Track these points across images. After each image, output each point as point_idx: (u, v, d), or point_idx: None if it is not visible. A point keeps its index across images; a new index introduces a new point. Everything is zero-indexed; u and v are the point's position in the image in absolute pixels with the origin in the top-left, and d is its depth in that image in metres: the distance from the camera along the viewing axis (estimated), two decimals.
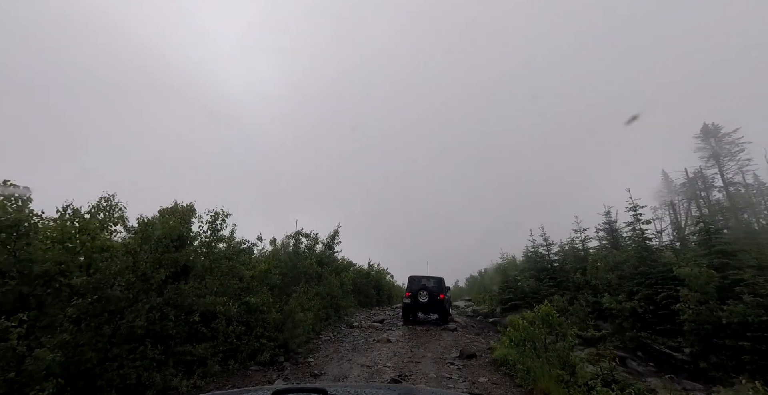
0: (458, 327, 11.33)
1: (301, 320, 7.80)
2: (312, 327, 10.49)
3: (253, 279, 7.89)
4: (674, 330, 6.91)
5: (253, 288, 7.58)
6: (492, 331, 11.53)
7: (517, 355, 5.52)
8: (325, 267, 14.56)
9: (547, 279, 12.08)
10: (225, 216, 7.15)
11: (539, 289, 12.02)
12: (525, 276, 13.44)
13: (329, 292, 13.58)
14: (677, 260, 7.78)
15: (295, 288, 7.96)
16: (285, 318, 7.42)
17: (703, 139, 25.81)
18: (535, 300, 12.23)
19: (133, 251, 4.16)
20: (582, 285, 10.01)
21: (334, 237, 16.48)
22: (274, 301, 7.97)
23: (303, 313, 8.63)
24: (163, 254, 4.58)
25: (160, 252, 4.61)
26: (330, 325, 12.40)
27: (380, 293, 22.12)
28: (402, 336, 10.09)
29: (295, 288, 8.05)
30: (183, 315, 5.08)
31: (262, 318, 7.05)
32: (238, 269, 7.09)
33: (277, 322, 7.33)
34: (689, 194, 25.42)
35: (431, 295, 11.40)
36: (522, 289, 12.61)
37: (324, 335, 10.52)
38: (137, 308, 3.99)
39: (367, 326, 12.21)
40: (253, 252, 10.25)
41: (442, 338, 9.89)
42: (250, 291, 7.52)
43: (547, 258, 13.36)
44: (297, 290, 7.80)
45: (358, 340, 9.54)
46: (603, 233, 13.64)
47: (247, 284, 7.57)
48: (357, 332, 10.98)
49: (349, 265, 20.60)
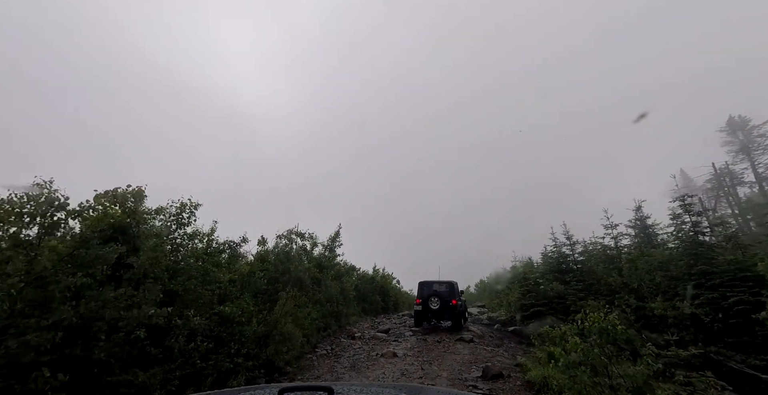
0: (474, 338, 9.91)
1: (290, 332, 6.50)
2: (307, 340, 9.18)
3: (233, 283, 6.63)
4: (753, 344, 5.49)
5: (231, 295, 6.31)
6: (513, 342, 10.08)
7: (565, 380, 4.15)
8: (325, 272, 13.29)
9: (574, 281, 10.63)
10: (193, 207, 5.93)
11: (565, 293, 10.57)
12: (547, 279, 12.00)
13: (329, 299, 12.28)
14: (744, 257, 6.35)
15: (282, 295, 6.66)
16: (269, 331, 6.13)
17: (730, 132, 24.18)
18: (560, 306, 10.77)
19: (27, 245, 2.93)
20: (619, 287, 8.58)
21: (335, 239, 15.20)
22: (259, 310, 6.70)
23: (293, 324, 7.35)
24: (79, 250, 3.34)
25: (77, 247, 3.38)
26: (329, 336, 11.05)
27: (386, 299, 20.71)
28: (410, 349, 8.71)
29: (281, 294, 6.75)
30: (122, 332, 3.81)
31: (240, 331, 5.76)
32: (210, 272, 5.84)
33: (259, 336, 6.04)
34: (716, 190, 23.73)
35: (443, 301, 10.69)
36: (545, 294, 11.15)
37: (320, 348, 9.19)
38: (26, 324, 2.74)
39: (370, 337, 10.84)
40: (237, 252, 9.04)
41: (458, 351, 8.49)
42: (228, 298, 6.25)
43: (572, 258, 11.91)
44: (283, 296, 6.49)
45: (359, 355, 8.18)
46: (633, 230, 12.18)
47: (225, 290, 6.31)
48: (359, 344, 9.62)
49: (352, 269, 19.26)
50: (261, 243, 9.10)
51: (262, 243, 9.13)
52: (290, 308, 6.34)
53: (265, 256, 9.08)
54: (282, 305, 6.27)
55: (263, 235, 9.19)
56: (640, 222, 11.96)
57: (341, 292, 14.17)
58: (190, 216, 5.95)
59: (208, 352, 5.02)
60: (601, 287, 10.00)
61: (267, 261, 9.10)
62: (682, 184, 45.79)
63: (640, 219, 12.03)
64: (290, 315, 7.38)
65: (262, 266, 8.53)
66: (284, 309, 6.28)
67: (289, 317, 7.67)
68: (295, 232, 10.35)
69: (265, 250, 9.32)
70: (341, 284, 14.75)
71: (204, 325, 5.14)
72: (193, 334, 5.00)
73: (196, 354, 4.75)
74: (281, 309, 6.22)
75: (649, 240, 11.28)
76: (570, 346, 4.17)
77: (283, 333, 6.45)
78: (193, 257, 5.87)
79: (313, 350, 8.89)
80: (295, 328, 7.14)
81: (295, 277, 9.66)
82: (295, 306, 7.82)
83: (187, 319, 4.76)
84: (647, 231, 11.57)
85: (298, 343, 7.97)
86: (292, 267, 10.21)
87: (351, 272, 18.29)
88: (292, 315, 8.56)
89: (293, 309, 6.93)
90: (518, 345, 9.87)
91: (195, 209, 5.96)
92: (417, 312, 11.03)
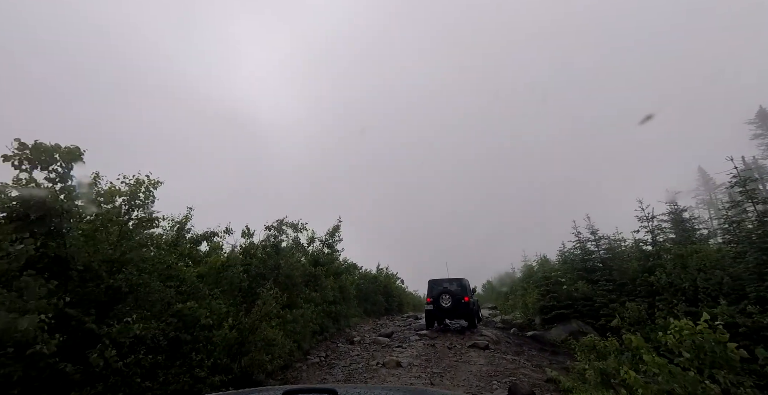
0: (490, 344, 8.69)
1: (272, 338, 5.35)
2: (298, 345, 8.04)
3: (202, 279, 5.49)
4: None
5: (199, 293, 5.16)
6: (534, 350, 8.84)
7: None
8: (321, 268, 12.14)
9: (603, 281, 9.34)
10: (151, 185, 4.79)
11: (593, 294, 9.30)
12: (569, 278, 10.72)
13: (326, 298, 11.13)
14: None
15: (262, 293, 5.50)
16: (244, 337, 4.98)
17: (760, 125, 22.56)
18: (587, 309, 9.49)
19: None
20: (662, 288, 7.29)
21: (334, 234, 14.05)
22: (236, 311, 5.56)
23: (279, 328, 6.20)
24: None
25: None
26: (324, 340, 9.90)
27: (389, 300, 19.53)
28: (417, 357, 7.52)
29: (261, 292, 5.59)
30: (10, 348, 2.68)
31: (206, 337, 4.62)
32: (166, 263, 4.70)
33: (231, 343, 4.90)
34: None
35: (454, 299, 10.01)
36: (569, 294, 9.88)
37: (313, 355, 8.04)
38: None
39: (371, 341, 9.68)
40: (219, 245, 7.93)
41: (472, 360, 7.28)
42: (194, 297, 5.11)
43: (598, 255, 10.61)
44: (264, 294, 5.33)
45: (356, 364, 7.01)
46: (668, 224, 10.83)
47: (193, 286, 5.17)
48: (357, 350, 8.46)
49: (354, 268, 18.11)
50: (246, 234, 7.96)
51: (247, 234, 7.99)
52: (271, 309, 5.17)
53: (250, 250, 7.95)
54: (262, 305, 5.10)
55: (248, 225, 8.05)
56: (676, 216, 10.61)
57: (340, 291, 13.05)
58: (147, 196, 4.81)
59: (157, 366, 3.88)
60: (635, 287, 8.71)
61: (253, 256, 7.97)
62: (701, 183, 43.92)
63: (675, 211, 10.68)
64: (275, 318, 6.24)
65: (245, 260, 7.40)
66: (264, 309, 5.12)
67: (275, 319, 6.54)
68: (286, 223, 9.19)
69: (251, 243, 8.19)
70: (340, 282, 13.63)
71: (154, 331, 4.00)
72: (140, 343, 3.87)
73: (137, 371, 3.60)
74: (260, 311, 5.06)
75: (687, 235, 9.93)
76: (649, 367, 2.94)
77: (264, 339, 5.30)
78: (149, 246, 4.73)
79: (305, 357, 7.75)
80: (279, 333, 5.99)
81: (285, 274, 8.53)
82: (281, 307, 6.69)
83: (126, 325, 3.61)
84: (685, 225, 10.23)
85: (286, 350, 6.83)
86: (283, 263, 9.09)
87: (352, 270, 17.16)
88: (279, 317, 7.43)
89: (278, 311, 5.78)
90: (540, 353, 8.63)
91: (153, 188, 4.82)
92: (428, 312, 10.46)
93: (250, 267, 7.42)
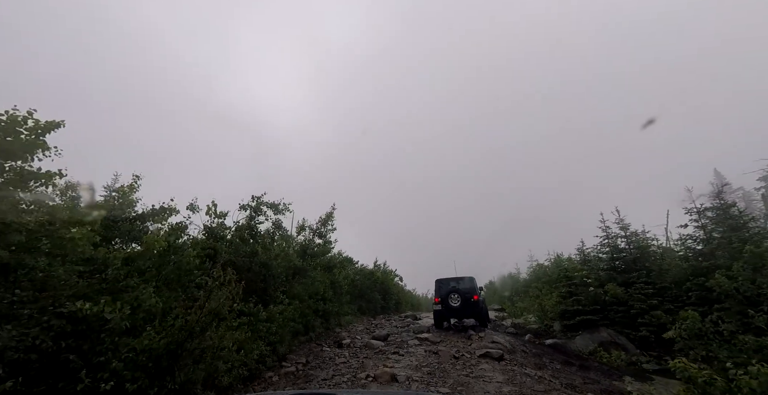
0: (504, 353, 7.24)
1: (221, 347, 3.91)
2: (273, 349, 6.61)
3: (130, 263, 4.03)
4: None
5: (124, 286, 3.71)
6: (557, 362, 7.38)
7: None
8: (309, 260, 10.72)
9: (641, 283, 7.87)
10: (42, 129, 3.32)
11: (628, 299, 7.83)
12: (595, 279, 9.25)
13: (312, 294, 9.71)
14: None
15: (204, 281, 4.05)
16: (177, 344, 3.53)
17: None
18: (620, 315, 8.03)
19: None
20: (727, 295, 5.82)
21: (327, 222, 12.60)
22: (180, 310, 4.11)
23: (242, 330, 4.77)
24: None
25: None
26: (308, 342, 8.47)
27: (387, 298, 18.12)
28: (417, 369, 6.08)
29: (204, 279, 4.13)
30: None
31: (115, 344, 3.18)
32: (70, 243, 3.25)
33: (157, 354, 3.44)
34: None
35: (463, 297, 9.59)
36: (596, 298, 8.41)
37: (291, 360, 6.61)
38: None
39: (362, 344, 8.25)
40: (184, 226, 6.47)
41: (486, 375, 5.82)
42: (110, 290, 3.65)
43: (630, 253, 9.13)
44: (208, 284, 3.87)
45: (340, 375, 5.57)
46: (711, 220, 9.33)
47: (116, 276, 3.72)
48: (344, 357, 7.03)
49: (349, 262, 16.68)
50: (212, 212, 6.49)
51: (214, 213, 6.52)
52: (218, 305, 3.72)
53: (218, 231, 6.51)
54: (205, 299, 3.65)
55: (214, 201, 6.57)
56: (723, 212, 9.10)
57: (331, 287, 11.63)
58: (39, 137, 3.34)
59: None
60: (683, 292, 7.25)
61: (220, 239, 6.54)
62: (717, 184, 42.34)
63: (721, 207, 9.17)
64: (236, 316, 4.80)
65: (207, 243, 5.96)
66: (210, 306, 3.67)
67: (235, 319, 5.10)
68: (265, 202, 7.73)
69: (220, 224, 6.74)
70: (332, 276, 12.20)
71: (20, 339, 2.57)
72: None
73: None
74: (203, 307, 3.61)
75: (737, 234, 8.44)
76: None
77: (212, 346, 3.86)
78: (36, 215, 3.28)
79: (280, 364, 6.32)
80: (238, 335, 4.56)
81: (261, 263, 7.09)
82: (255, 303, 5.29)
83: None
84: (736, 222, 8.72)
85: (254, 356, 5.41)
86: (260, 249, 7.65)
87: (346, 264, 15.73)
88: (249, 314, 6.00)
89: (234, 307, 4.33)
90: (565, 366, 7.16)
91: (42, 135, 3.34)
92: (437, 312, 10.14)
93: (214, 252, 5.99)
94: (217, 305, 3.73)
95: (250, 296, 6.78)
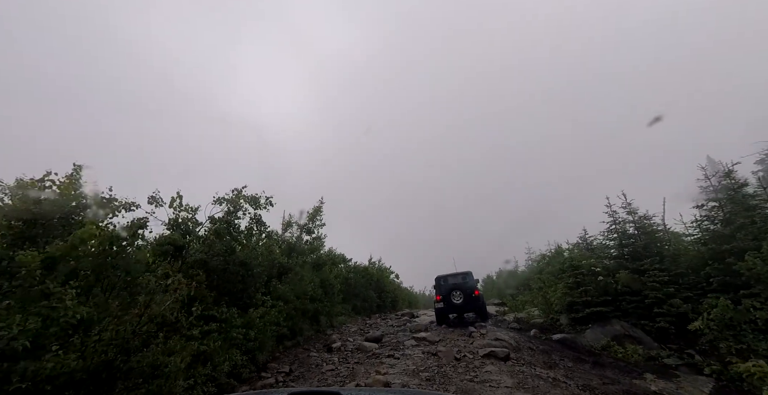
0: (510, 351, 6.56)
1: (164, 364, 3.14)
2: (252, 357, 5.85)
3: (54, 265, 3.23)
4: None
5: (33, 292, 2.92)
6: (569, 359, 6.73)
7: None
8: (297, 258, 9.95)
9: (654, 270, 7.25)
10: None
11: (641, 287, 7.20)
12: (604, 268, 8.63)
13: (300, 294, 8.94)
14: None
15: (145, 281, 3.26)
16: (103, 368, 2.76)
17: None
18: (634, 306, 7.41)
19: None
20: (758, 278, 5.21)
21: (315, 217, 11.84)
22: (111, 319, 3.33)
23: (192, 343, 4.00)
24: None
25: None
26: (295, 347, 7.73)
27: (382, 296, 17.42)
28: (414, 374, 5.37)
29: (143, 278, 3.35)
30: None
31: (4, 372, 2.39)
32: None
33: (77, 379, 2.66)
34: None
35: (465, 293, 9.55)
36: (606, 288, 7.78)
37: (272, 369, 5.86)
38: None
39: (354, 347, 7.52)
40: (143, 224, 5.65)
41: (492, 378, 5.13)
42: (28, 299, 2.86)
43: (638, 239, 8.52)
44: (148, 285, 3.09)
45: (325, 385, 4.85)
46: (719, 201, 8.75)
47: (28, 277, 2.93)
48: (334, 362, 6.30)
49: (342, 260, 15.93)
50: (176, 205, 5.67)
51: (179, 205, 5.70)
52: (163, 310, 2.95)
53: (185, 227, 5.72)
54: (144, 303, 2.88)
55: (179, 192, 5.75)
56: (734, 192, 8.52)
57: (322, 286, 10.88)
58: None
59: None
60: (702, 279, 6.64)
61: (189, 233, 5.76)
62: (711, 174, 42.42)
63: (732, 187, 8.58)
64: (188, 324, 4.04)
65: (171, 238, 5.17)
66: (152, 313, 2.91)
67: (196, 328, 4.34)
68: (244, 196, 6.95)
69: (189, 219, 5.95)
70: (323, 275, 11.45)
71: None
72: None
73: None
74: (142, 314, 2.85)
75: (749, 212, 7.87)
76: None
77: (156, 362, 3.09)
78: None
79: (258, 375, 5.57)
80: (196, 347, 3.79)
81: (239, 262, 6.32)
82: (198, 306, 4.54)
83: None
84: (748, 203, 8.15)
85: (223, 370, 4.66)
86: (239, 248, 6.87)
87: (338, 261, 14.98)
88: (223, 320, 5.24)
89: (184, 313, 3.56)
90: (578, 364, 6.52)
91: None
92: (439, 310, 10.07)
93: (175, 249, 5.20)
94: (161, 311, 2.96)
95: (223, 298, 6.02)
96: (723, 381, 4.77)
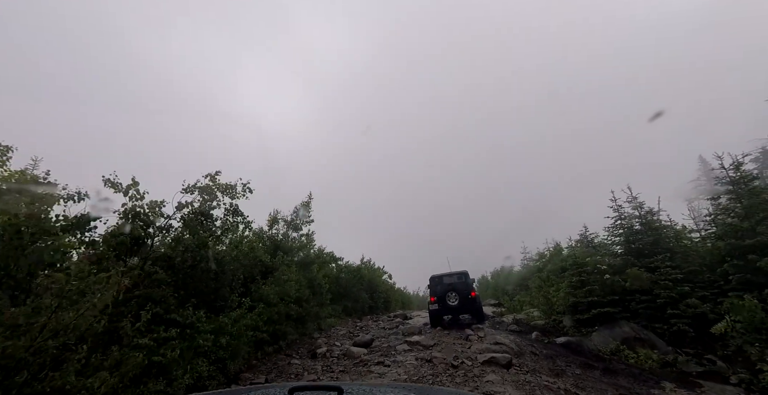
0: (512, 357, 5.96)
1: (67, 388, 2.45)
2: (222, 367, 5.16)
3: None
4: None
5: None
6: (576, 365, 6.15)
7: None
8: (283, 257, 9.26)
9: (665, 267, 6.72)
10: None
11: (651, 286, 6.67)
12: (609, 265, 8.10)
13: (284, 295, 8.25)
14: None
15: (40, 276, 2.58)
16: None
17: None
18: (644, 306, 6.88)
19: None
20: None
21: (302, 213, 11.15)
22: None
23: (135, 355, 3.32)
24: None
25: None
26: (277, 353, 7.03)
27: (374, 297, 16.75)
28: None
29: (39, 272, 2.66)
30: None
31: None
32: None
33: None
34: None
35: (461, 295, 8.99)
36: (613, 287, 7.24)
37: (244, 381, 5.16)
38: None
39: (341, 353, 6.86)
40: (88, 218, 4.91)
41: (494, 389, 4.51)
42: None
43: (646, 234, 8.00)
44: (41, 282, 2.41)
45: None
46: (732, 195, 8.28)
47: None
48: (315, 371, 5.62)
49: (332, 259, 15.23)
50: (133, 193, 4.95)
51: (136, 193, 4.98)
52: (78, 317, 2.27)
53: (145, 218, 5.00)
54: (51, 312, 2.20)
55: (134, 178, 5.03)
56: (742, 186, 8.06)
57: (309, 286, 10.19)
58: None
59: None
60: (719, 277, 6.12)
61: (149, 224, 5.04)
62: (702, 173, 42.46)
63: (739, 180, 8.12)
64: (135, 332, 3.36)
65: (122, 231, 4.46)
66: (65, 322, 2.23)
67: (143, 336, 3.66)
68: (218, 185, 6.24)
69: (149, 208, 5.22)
70: (310, 274, 10.76)
71: None
72: None
73: None
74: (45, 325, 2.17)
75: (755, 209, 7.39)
76: None
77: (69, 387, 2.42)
78: None
79: (228, 386, 4.88)
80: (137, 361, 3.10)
81: (209, 258, 5.61)
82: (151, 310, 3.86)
83: None
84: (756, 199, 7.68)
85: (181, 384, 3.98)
86: (212, 243, 6.17)
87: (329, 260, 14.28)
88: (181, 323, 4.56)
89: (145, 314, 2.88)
90: (586, 370, 5.94)
91: None
92: (433, 312, 9.54)
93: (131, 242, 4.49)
94: (75, 318, 2.27)
95: (190, 300, 5.31)
96: (754, 391, 4.24)
